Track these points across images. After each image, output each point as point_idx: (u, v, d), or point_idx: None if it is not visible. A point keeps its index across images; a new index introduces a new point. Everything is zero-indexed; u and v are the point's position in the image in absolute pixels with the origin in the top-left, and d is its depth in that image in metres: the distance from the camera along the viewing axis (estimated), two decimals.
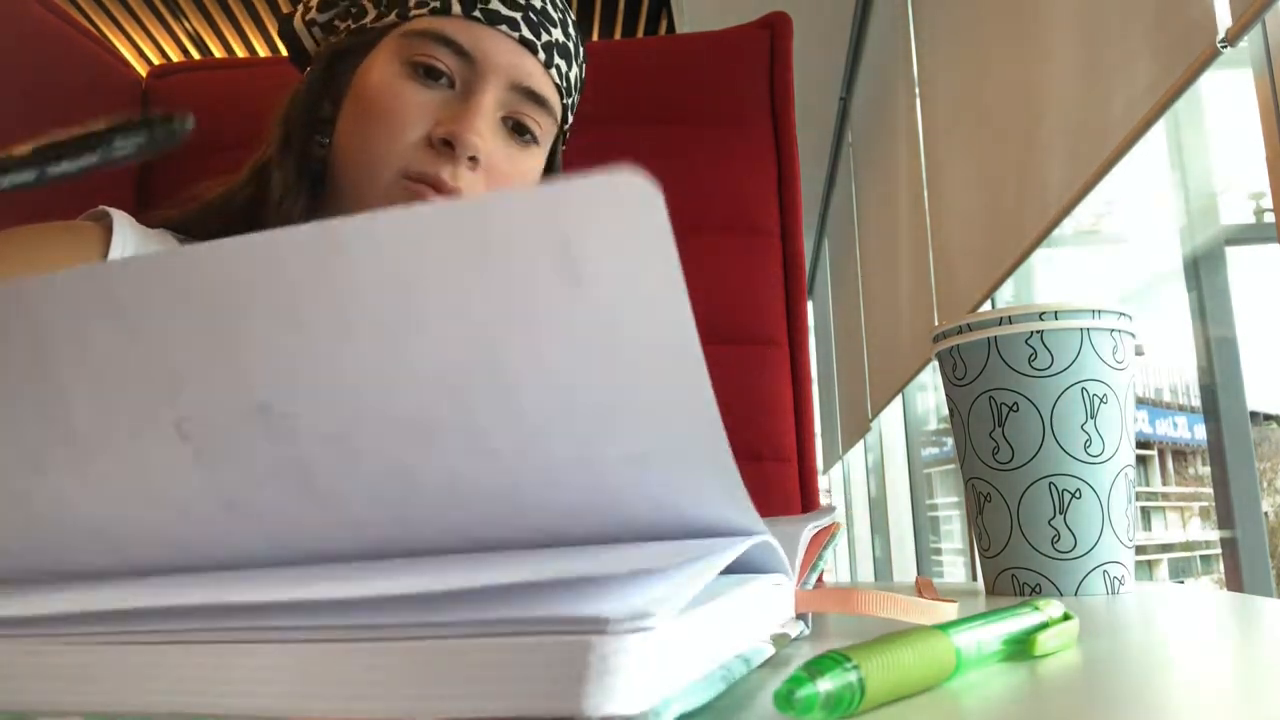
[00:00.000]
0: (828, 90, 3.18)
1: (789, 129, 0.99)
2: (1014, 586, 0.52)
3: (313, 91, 0.67)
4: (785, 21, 1.01)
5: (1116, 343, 0.52)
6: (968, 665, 0.23)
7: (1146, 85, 1.07)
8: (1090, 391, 0.51)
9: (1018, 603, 0.28)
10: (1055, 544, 0.51)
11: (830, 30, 2.85)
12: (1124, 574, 0.51)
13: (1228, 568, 1.33)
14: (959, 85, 1.93)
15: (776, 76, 1.00)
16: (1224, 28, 0.90)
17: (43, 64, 0.94)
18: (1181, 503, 5.46)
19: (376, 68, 0.63)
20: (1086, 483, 0.50)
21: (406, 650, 0.16)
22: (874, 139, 2.93)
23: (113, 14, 3.33)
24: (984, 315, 0.53)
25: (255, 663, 0.17)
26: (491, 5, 0.63)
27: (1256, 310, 1.37)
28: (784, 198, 0.98)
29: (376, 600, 0.17)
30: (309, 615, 0.17)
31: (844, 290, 3.87)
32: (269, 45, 3.52)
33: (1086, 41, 1.26)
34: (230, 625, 0.18)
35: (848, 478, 5.21)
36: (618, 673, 0.16)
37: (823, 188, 3.97)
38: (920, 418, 3.28)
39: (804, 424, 0.95)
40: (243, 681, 0.17)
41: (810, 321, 3.01)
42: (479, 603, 0.17)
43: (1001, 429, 0.52)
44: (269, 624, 0.18)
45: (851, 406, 3.83)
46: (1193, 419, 5.30)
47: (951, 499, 3.31)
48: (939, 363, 0.57)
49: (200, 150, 1.06)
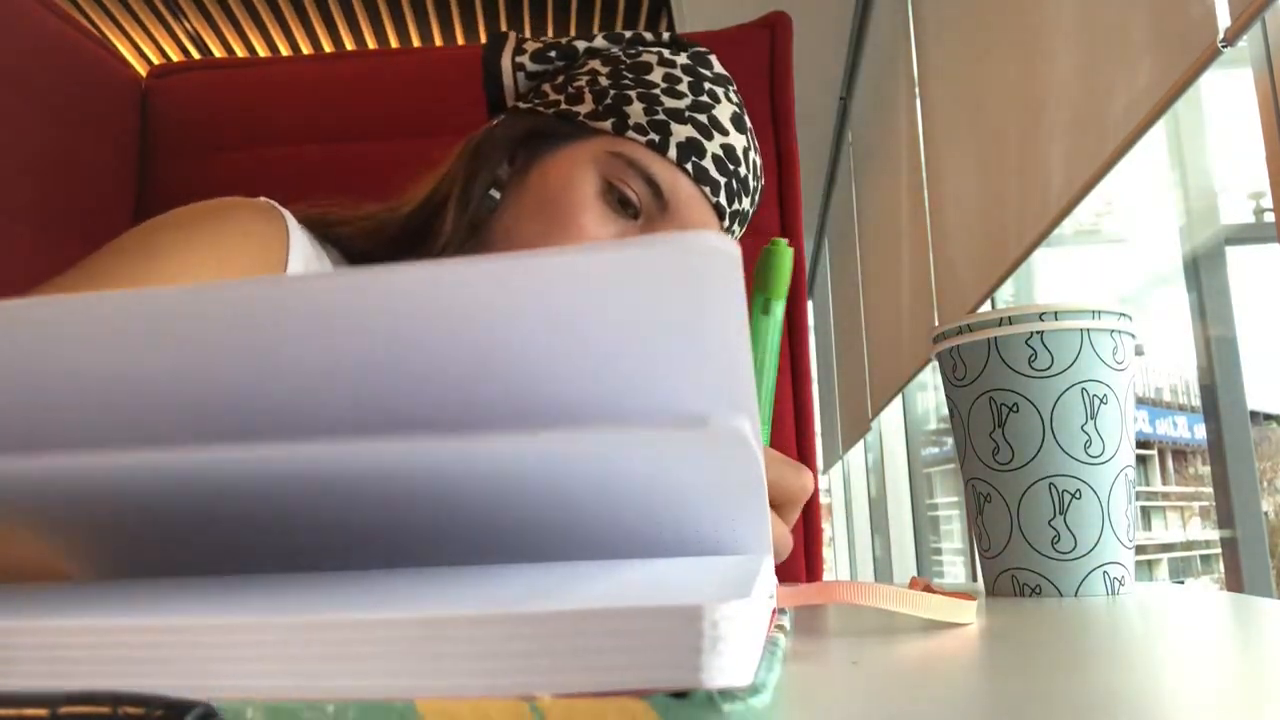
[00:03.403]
0: (828, 90, 3.17)
1: (789, 128, 0.99)
2: (1014, 587, 0.52)
3: (501, 149, 0.67)
4: (785, 21, 1.01)
5: (1117, 343, 0.52)
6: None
7: (1146, 85, 1.07)
8: (1090, 392, 0.51)
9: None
10: (1055, 544, 0.51)
11: (830, 30, 2.85)
12: (1124, 574, 0.51)
13: (1228, 568, 1.33)
14: (959, 85, 1.93)
15: (776, 76, 1.00)
16: (1224, 27, 0.90)
17: (43, 64, 0.94)
18: (1181, 503, 5.46)
19: (573, 165, 0.64)
20: (1086, 483, 0.50)
21: (522, 626, 0.17)
22: (874, 139, 2.93)
23: (113, 14, 3.33)
24: (984, 316, 0.53)
25: (369, 645, 0.17)
26: (704, 162, 0.63)
27: (1256, 310, 1.37)
28: (784, 197, 0.98)
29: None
30: (417, 605, 0.18)
31: (844, 290, 3.87)
32: (269, 45, 3.52)
33: (1086, 41, 1.26)
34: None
35: (848, 478, 5.21)
36: (728, 639, 0.16)
37: (823, 188, 3.97)
38: (920, 418, 3.28)
39: (804, 424, 0.95)
40: (357, 662, 0.17)
41: (810, 321, 3.01)
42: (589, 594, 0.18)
43: (1001, 429, 0.52)
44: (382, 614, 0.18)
45: (851, 406, 3.83)
46: (1193, 419, 5.30)
47: (951, 499, 3.31)
48: (939, 363, 0.57)
49: (200, 150, 1.07)
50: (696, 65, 0.67)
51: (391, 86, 1.06)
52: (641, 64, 0.66)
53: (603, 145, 0.64)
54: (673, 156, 0.63)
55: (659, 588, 0.20)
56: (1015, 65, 1.55)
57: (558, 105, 0.66)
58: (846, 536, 5.28)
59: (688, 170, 0.63)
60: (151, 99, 1.08)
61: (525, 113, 0.68)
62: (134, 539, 0.30)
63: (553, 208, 0.63)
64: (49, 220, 0.94)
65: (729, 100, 0.67)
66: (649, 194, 0.63)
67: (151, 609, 0.19)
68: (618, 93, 0.65)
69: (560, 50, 0.69)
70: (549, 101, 0.67)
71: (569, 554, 0.28)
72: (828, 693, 0.22)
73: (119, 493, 0.25)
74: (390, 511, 0.26)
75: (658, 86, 0.65)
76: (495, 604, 0.17)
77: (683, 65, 0.66)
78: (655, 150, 0.63)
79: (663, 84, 0.65)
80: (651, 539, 0.26)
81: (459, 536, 0.27)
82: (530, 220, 0.64)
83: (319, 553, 0.29)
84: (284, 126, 1.06)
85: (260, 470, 0.22)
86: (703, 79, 0.66)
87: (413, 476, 0.23)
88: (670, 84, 0.65)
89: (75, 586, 0.28)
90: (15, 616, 0.18)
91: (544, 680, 0.16)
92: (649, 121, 0.63)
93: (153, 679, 0.17)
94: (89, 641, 0.17)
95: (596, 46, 0.69)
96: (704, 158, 0.63)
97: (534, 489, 0.24)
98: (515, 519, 0.27)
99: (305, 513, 0.26)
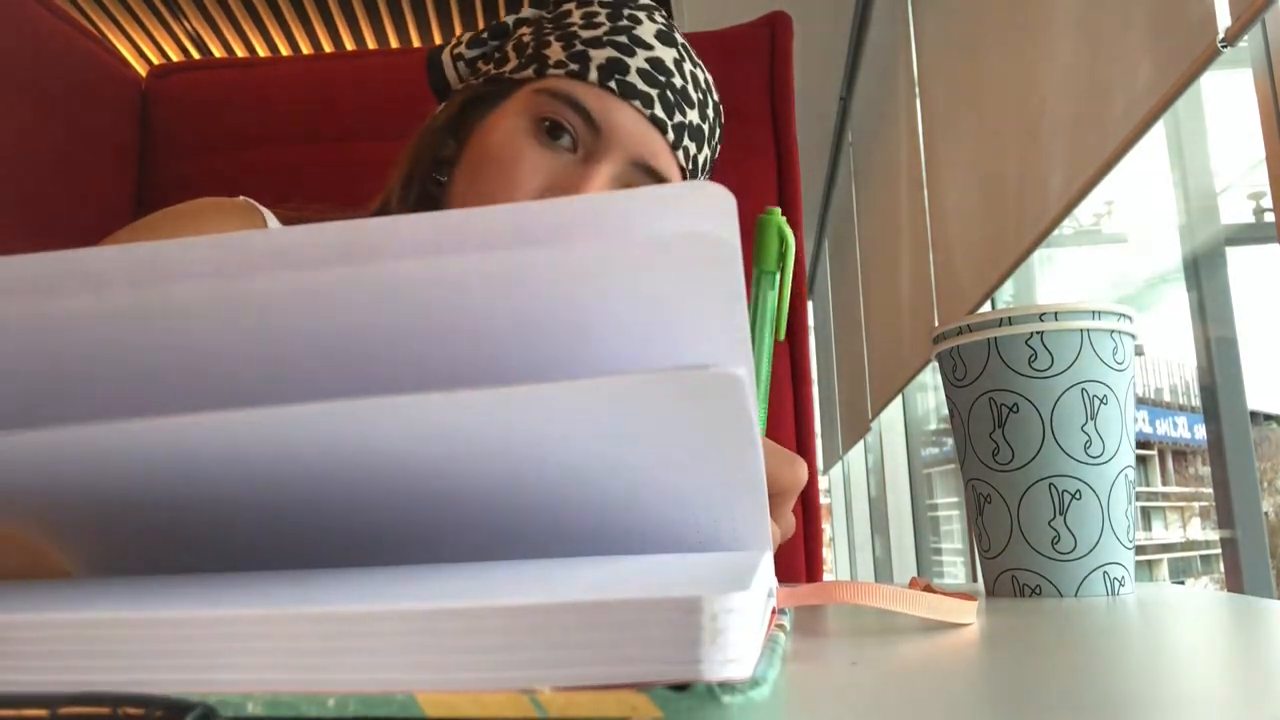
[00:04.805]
0: (828, 90, 3.17)
1: (789, 128, 0.99)
2: (1014, 587, 0.52)
3: (441, 131, 0.68)
4: (785, 21, 1.01)
5: (1117, 344, 0.52)
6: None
7: (1146, 85, 1.07)
8: (1090, 392, 0.51)
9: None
10: (1055, 545, 0.51)
11: (830, 30, 2.85)
12: (1124, 575, 0.51)
13: (1228, 568, 1.33)
14: (959, 85, 1.93)
15: (776, 76, 1.00)
16: (1224, 27, 0.90)
17: (43, 64, 0.94)
18: (1181, 503, 5.46)
19: (504, 119, 0.64)
20: (1087, 484, 0.50)
21: (522, 618, 0.17)
22: (874, 138, 2.93)
23: (113, 14, 3.33)
24: (984, 316, 0.53)
25: (369, 638, 0.17)
26: (628, 78, 0.63)
27: (1256, 310, 1.37)
28: (784, 197, 0.98)
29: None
30: (421, 598, 0.18)
31: (844, 290, 3.87)
32: (269, 45, 3.52)
33: (1086, 41, 1.26)
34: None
35: (848, 478, 5.20)
36: (728, 632, 0.16)
37: (823, 188, 3.97)
38: (920, 418, 3.28)
39: (804, 424, 0.95)
40: (357, 655, 0.17)
41: (810, 321, 3.01)
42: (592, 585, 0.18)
43: (1001, 430, 0.52)
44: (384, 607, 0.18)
45: (851, 406, 3.83)
46: (1193, 419, 5.30)
47: (951, 499, 3.30)
48: (939, 363, 0.57)
49: (200, 150, 1.07)
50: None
51: (391, 87, 1.06)
52: (562, 13, 0.67)
53: (529, 90, 0.64)
54: (594, 79, 0.62)
55: (659, 580, 0.20)
56: (1015, 65, 1.55)
57: (488, 74, 0.67)
58: (846, 537, 5.28)
59: (612, 88, 0.62)
60: (151, 99, 1.08)
61: (459, 91, 0.69)
62: (133, 535, 0.30)
63: (493, 165, 0.63)
64: (49, 220, 0.94)
65: (652, 20, 0.66)
66: (579, 120, 0.62)
67: (151, 603, 0.19)
68: (537, 41, 0.65)
69: (493, 29, 0.70)
70: (480, 73, 0.68)
71: (568, 549, 0.28)
72: (828, 693, 0.22)
73: (119, 474, 0.25)
74: (389, 504, 0.26)
75: (575, 24, 0.65)
76: (495, 597, 0.17)
77: (600, 0, 0.66)
78: (576, 78, 0.62)
79: (580, 21, 0.65)
80: (650, 533, 0.27)
81: (459, 530, 0.27)
82: (475, 184, 0.63)
83: (318, 549, 0.29)
84: (284, 126, 1.06)
85: (253, 443, 0.22)
86: (622, 5, 0.66)
87: (411, 449, 0.23)
88: (588, 19, 0.65)
89: (75, 583, 0.28)
90: (15, 611, 0.18)
91: (544, 673, 0.16)
92: (568, 55, 0.63)
93: (153, 673, 0.17)
94: (89, 635, 0.17)
95: (525, 16, 0.70)
96: (627, 74, 0.62)
97: (532, 472, 0.24)
98: (515, 512, 0.27)
99: (304, 505, 0.26)
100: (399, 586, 0.21)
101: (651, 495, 0.25)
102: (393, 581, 0.22)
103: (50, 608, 0.19)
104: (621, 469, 0.24)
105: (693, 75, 0.66)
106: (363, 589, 0.20)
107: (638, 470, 0.24)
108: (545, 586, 0.19)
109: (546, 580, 0.21)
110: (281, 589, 0.21)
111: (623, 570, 0.22)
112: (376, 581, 0.22)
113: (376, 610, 0.17)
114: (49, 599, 0.21)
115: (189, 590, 0.22)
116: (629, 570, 0.22)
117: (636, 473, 0.24)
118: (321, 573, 0.25)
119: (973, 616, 0.34)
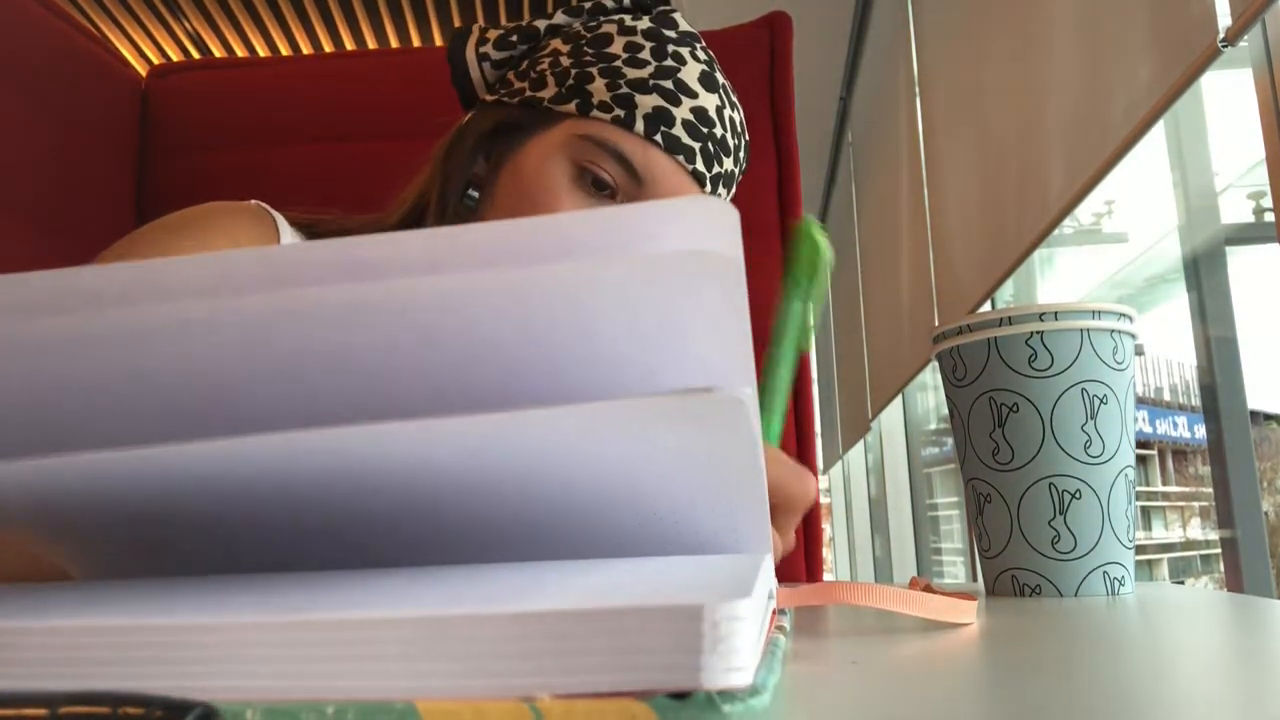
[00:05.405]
0: (828, 90, 3.17)
1: (789, 128, 0.99)
2: (1014, 587, 0.52)
3: (474, 149, 0.66)
4: (785, 21, 1.01)
5: (1117, 343, 0.52)
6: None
7: (1147, 85, 1.07)
8: (1090, 392, 0.51)
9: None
10: (1055, 545, 0.51)
11: (830, 30, 2.85)
12: (1124, 574, 0.51)
13: (1228, 568, 1.33)
14: (959, 84, 1.93)
15: (776, 76, 1.00)
16: (1224, 27, 0.90)
17: (43, 64, 0.94)
18: (1181, 503, 5.46)
19: (544, 156, 0.63)
20: (1086, 483, 0.50)
21: (522, 626, 0.17)
22: (874, 138, 2.93)
23: (113, 14, 3.33)
24: (984, 316, 0.53)
25: (369, 645, 0.17)
26: (674, 130, 0.62)
27: (1256, 310, 1.37)
28: (784, 197, 0.98)
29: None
30: (420, 603, 0.18)
31: (844, 290, 3.87)
32: (269, 45, 3.51)
33: (1086, 41, 1.26)
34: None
35: (848, 478, 5.20)
36: (729, 639, 0.16)
37: (823, 188, 3.97)
38: (920, 418, 3.28)
39: (804, 424, 0.95)
40: (356, 662, 0.17)
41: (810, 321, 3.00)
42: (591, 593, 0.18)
43: (1001, 429, 0.52)
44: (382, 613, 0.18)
45: (851, 406, 3.83)
46: (1193, 419, 5.30)
47: (951, 499, 3.31)
48: (939, 363, 0.57)
49: (200, 149, 1.07)
50: (659, 28, 0.65)
51: (391, 86, 1.06)
52: (602, 36, 0.65)
53: (569, 129, 0.63)
54: (640, 130, 0.61)
55: (659, 587, 0.20)
56: (1015, 65, 1.55)
57: (523, 93, 0.66)
58: (846, 537, 5.28)
59: (658, 142, 0.61)
60: (151, 99, 1.08)
61: (492, 106, 0.67)
62: (135, 541, 0.30)
63: (528, 202, 0.62)
64: (49, 220, 0.94)
65: (695, 59, 0.65)
66: (622, 172, 0.61)
67: (152, 609, 0.19)
68: (579, 71, 0.63)
69: (522, 33, 0.68)
70: (514, 90, 0.67)
71: (568, 553, 0.28)
72: (828, 693, 0.22)
73: (121, 494, 0.25)
74: (391, 514, 0.26)
75: (619, 58, 0.63)
76: (495, 603, 0.17)
77: (644, 31, 0.65)
78: (622, 126, 0.62)
79: (624, 54, 0.63)
80: (651, 538, 0.26)
81: (459, 536, 0.27)
82: (509, 216, 0.63)
83: (319, 554, 0.29)
84: (284, 126, 1.06)
85: (258, 463, 0.22)
86: (665, 42, 0.64)
87: (416, 467, 0.23)
88: (632, 53, 0.63)
89: (76, 587, 0.28)
90: (16, 615, 0.18)
91: (544, 681, 0.16)
92: (613, 97, 0.62)
93: (153, 679, 0.17)
94: (90, 641, 0.17)
95: (557, 23, 0.68)
96: (673, 125, 0.62)
97: (537, 485, 0.24)
98: (516, 518, 0.27)
99: (305, 513, 0.26)
100: (399, 593, 0.21)
101: (654, 509, 0.25)
102: (392, 588, 0.22)
103: (49, 613, 0.19)
104: (624, 485, 0.24)
105: (731, 122, 0.66)
106: (362, 595, 0.20)
107: (641, 486, 0.24)
108: (545, 593, 0.19)
109: (546, 587, 0.20)
110: (281, 595, 0.21)
111: (622, 576, 0.22)
112: (376, 588, 0.22)
113: (375, 617, 0.17)
114: (48, 604, 0.21)
115: (188, 595, 0.22)
116: (629, 576, 0.22)
117: (639, 488, 0.24)
118: (321, 577, 0.25)
119: (973, 616, 0.34)
